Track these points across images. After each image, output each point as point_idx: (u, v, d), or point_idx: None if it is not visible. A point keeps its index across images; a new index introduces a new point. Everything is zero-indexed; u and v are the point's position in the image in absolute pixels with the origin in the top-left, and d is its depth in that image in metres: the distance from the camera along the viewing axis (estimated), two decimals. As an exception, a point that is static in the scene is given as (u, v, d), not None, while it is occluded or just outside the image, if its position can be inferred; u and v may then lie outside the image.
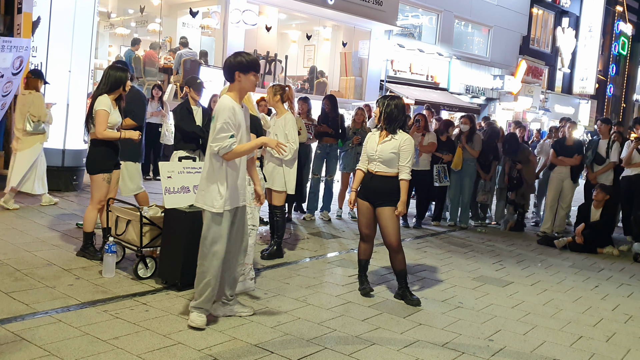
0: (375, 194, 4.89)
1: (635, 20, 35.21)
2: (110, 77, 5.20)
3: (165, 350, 3.56)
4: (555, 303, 5.30)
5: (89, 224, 5.29)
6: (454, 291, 5.39)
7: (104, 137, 5.13)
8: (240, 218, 4.10)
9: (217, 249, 3.90)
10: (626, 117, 33.67)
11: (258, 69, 3.96)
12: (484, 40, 23.77)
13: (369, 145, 4.94)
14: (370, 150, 4.91)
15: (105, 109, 5.07)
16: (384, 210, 4.87)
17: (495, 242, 8.09)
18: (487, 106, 23.90)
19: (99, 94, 5.13)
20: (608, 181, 8.40)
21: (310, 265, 5.89)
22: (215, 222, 3.89)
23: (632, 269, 7.05)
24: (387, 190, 4.86)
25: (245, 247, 4.19)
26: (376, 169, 4.88)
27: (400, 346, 3.95)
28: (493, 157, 8.97)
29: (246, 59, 3.89)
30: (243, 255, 4.21)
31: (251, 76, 3.90)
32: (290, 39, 18.53)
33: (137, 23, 16.73)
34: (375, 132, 5.00)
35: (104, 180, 5.23)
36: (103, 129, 5.08)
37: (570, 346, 4.23)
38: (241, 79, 3.88)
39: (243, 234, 4.15)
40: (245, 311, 4.23)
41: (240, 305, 4.27)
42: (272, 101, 5.93)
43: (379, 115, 4.95)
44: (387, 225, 4.87)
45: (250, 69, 3.88)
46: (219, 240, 3.91)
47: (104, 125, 5.07)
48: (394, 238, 4.87)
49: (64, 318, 3.90)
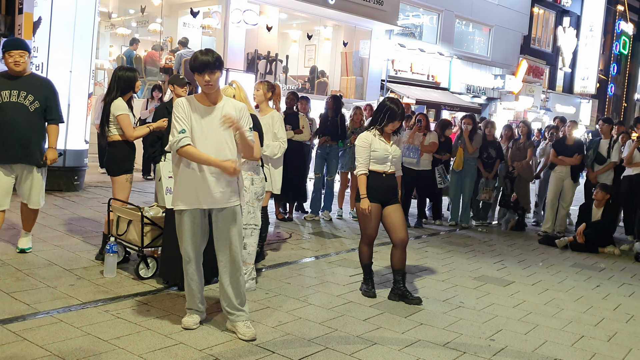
0: (390, 193, 4.93)
1: (637, 20, 35.20)
2: (120, 79, 5.27)
3: (167, 350, 3.56)
4: (557, 303, 5.30)
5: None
6: (455, 291, 5.39)
7: (136, 137, 5.28)
8: (221, 225, 3.82)
9: (183, 250, 3.87)
10: (627, 117, 33.65)
11: (202, 69, 3.70)
12: (485, 39, 23.78)
13: (381, 147, 4.88)
14: (384, 152, 4.88)
15: (125, 112, 5.20)
16: (395, 208, 4.92)
17: (497, 242, 8.09)
18: (488, 106, 23.91)
19: (114, 98, 5.19)
20: (608, 181, 8.40)
21: (312, 265, 5.89)
22: (177, 219, 3.87)
23: (634, 268, 7.04)
24: (396, 188, 5.01)
25: (232, 258, 3.84)
26: (389, 169, 4.93)
27: (402, 346, 3.95)
28: (497, 154, 8.95)
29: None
30: (232, 267, 3.85)
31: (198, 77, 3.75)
32: (291, 38, 18.54)
33: (138, 23, 16.76)
34: (372, 133, 4.90)
35: (127, 181, 5.32)
36: (132, 131, 5.24)
37: (572, 346, 4.23)
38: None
39: (227, 245, 3.83)
40: (243, 335, 3.81)
41: (244, 324, 3.87)
42: (263, 97, 5.62)
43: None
44: (400, 222, 4.91)
45: (195, 70, 3.72)
46: (181, 241, 3.86)
47: (130, 128, 5.22)
48: (405, 233, 4.94)
49: (66, 318, 3.90)
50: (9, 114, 4.90)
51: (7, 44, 5.00)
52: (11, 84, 4.92)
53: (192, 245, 3.85)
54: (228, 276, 3.86)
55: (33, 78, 5.11)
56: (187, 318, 3.96)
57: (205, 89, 3.74)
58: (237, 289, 3.88)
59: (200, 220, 3.84)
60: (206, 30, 15.04)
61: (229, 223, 3.83)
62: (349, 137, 8.46)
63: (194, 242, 3.85)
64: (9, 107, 4.90)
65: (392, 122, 4.87)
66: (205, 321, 4.06)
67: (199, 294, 3.97)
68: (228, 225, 3.83)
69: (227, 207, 3.81)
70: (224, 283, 3.87)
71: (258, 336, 3.86)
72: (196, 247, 3.88)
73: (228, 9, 13.93)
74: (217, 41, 14.66)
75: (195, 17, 14.71)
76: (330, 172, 8.51)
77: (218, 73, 3.74)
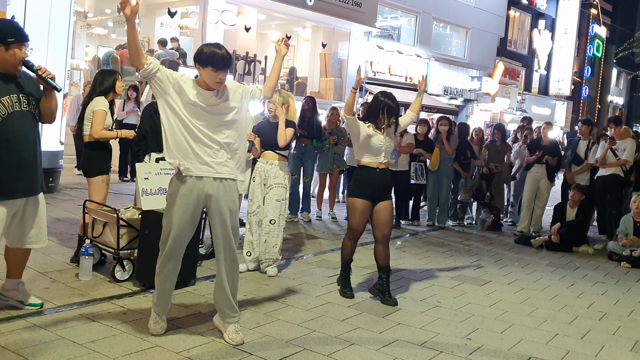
0: (383, 190, 4.91)
1: (609, 23, 35.84)
2: (101, 80, 5.20)
3: (143, 353, 3.53)
4: (532, 301, 5.37)
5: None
6: (432, 290, 5.43)
7: (100, 137, 5.09)
8: (218, 220, 3.73)
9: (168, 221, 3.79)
10: (601, 118, 34.24)
11: (221, 66, 3.59)
12: (462, 41, 24.00)
13: (376, 136, 4.80)
14: (379, 142, 4.80)
15: (104, 109, 5.07)
16: (386, 206, 4.91)
17: (473, 242, 8.17)
18: (465, 107, 24.13)
19: (95, 96, 5.10)
20: (585, 181, 8.54)
21: (290, 267, 5.88)
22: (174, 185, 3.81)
23: (607, 267, 7.17)
24: (390, 184, 4.98)
25: (230, 257, 3.77)
26: (383, 162, 4.87)
27: (379, 346, 3.97)
28: (471, 155, 9.07)
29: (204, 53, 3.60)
30: (232, 265, 3.79)
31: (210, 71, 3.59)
32: (269, 39, 18.52)
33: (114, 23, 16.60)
34: (367, 125, 4.84)
35: (103, 182, 5.22)
36: (100, 128, 5.05)
37: (546, 344, 4.29)
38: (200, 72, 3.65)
39: (228, 242, 3.75)
40: (232, 340, 3.76)
41: (234, 328, 3.82)
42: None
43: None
44: (387, 221, 4.91)
45: (212, 64, 3.59)
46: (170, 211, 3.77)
47: (101, 125, 5.05)
48: (390, 230, 4.96)
49: (39, 322, 3.84)
50: (19, 130, 3.66)
51: (20, 33, 3.68)
52: (9, 87, 3.66)
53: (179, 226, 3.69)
54: (222, 275, 3.79)
55: (22, 72, 3.81)
56: (155, 326, 3.83)
57: (216, 85, 3.64)
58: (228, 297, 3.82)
59: (195, 203, 3.69)
60: (184, 31, 14.97)
61: (224, 222, 3.71)
62: (327, 139, 8.46)
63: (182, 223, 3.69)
64: (16, 119, 3.64)
65: (390, 118, 4.83)
66: (182, 324, 4.03)
67: (156, 298, 3.85)
68: (224, 223, 3.71)
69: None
70: (221, 282, 3.79)
71: (236, 338, 3.85)
72: (182, 243, 3.76)
73: (206, 9, 13.87)
74: (195, 42, 14.59)
75: (172, 18, 14.62)
76: (307, 173, 8.50)
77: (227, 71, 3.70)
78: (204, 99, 3.63)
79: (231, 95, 3.73)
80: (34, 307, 4.02)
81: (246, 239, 5.53)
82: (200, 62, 3.60)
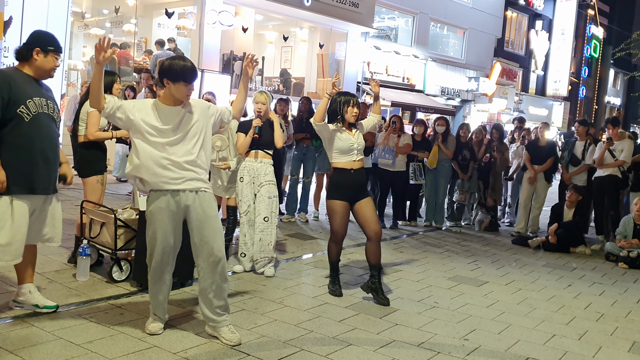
0: (359, 191, 4.93)
1: (606, 24, 35.91)
2: None
3: (141, 353, 3.52)
4: (529, 302, 5.38)
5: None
6: (429, 291, 5.44)
7: (95, 139, 5.09)
8: (198, 220, 3.72)
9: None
10: (598, 119, 34.29)
11: (191, 79, 3.66)
12: (459, 42, 24.01)
13: (343, 137, 4.88)
14: (348, 142, 4.87)
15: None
16: (365, 202, 4.92)
17: (470, 242, 8.18)
18: (462, 108, 24.14)
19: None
20: (582, 182, 8.56)
21: (287, 267, 5.88)
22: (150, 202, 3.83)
23: (604, 268, 7.18)
24: (365, 184, 5.03)
25: (216, 261, 3.73)
26: (357, 162, 4.91)
27: (377, 346, 3.97)
28: (470, 156, 9.06)
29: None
30: (215, 272, 3.74)
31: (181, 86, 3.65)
32: (267, 40, 18.49)
33: (112, 23, 16.55)
34: (334, 126, 4.91)
35: (97, 182, 5.20)
36: (95, 129, 5.05)
37: (544, 344, 4.30)
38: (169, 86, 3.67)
39: (210, 244, 3.72)
40: (229, 341, 3.76)
41: (230, 331, 3.81)
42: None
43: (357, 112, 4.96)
44: (371, 215, 4.92)
45: (181, 78, 3.61)
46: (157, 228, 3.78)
47: (96, 126, 5.05)
48: (379, 226, 4.95)
49: (37, 322, 3.83)
50: (45, 130, 3.85)
51: (58, 44, 3.97)
52: (40, 91, 3.89)
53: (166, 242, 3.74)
54: (206, 279, 3.77)
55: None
56: (154, 324, 3.85)
57: (186, 98, 3.70)
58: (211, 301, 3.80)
59: (176, 208, 3.70)
60: (181, 31, 14.92)
61: (206, 225, 3.73)
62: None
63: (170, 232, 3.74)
64: (43, 120, 3.83)
65: (348, 106, 4.90)
66: (179, 324, 4.03)
67: (152, 299, 3.87)
68: (205, 226, 3.73)
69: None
70: (205, 288, 3.78)
71: (233, 338, 3.85)
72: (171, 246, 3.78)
73: (203, 9, 13.84)
74: (192, 42, 14.56)
75: (170, 18, 14.60)
76: (307, 173, 8.51)
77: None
78: (168, 119, 3.66)
79: (197, 111, 3.76)
80: (50, 310, 4.02)
81: (240, 240, 5.53)
82: (171, 77, 3.61)
